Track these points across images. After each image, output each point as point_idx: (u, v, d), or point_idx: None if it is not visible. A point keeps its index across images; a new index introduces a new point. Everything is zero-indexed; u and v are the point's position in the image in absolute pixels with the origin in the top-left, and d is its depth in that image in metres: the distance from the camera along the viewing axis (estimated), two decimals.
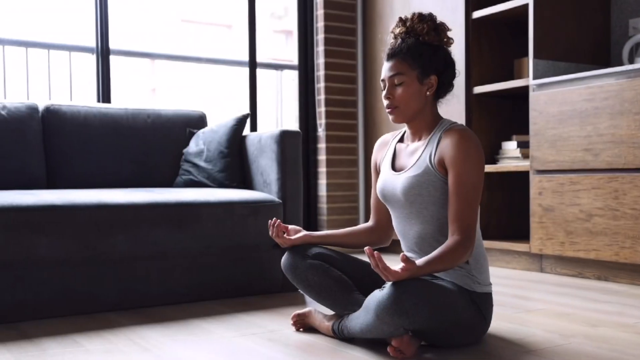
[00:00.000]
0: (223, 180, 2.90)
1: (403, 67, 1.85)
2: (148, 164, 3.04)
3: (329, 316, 1.99)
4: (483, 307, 1.85)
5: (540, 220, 3.17)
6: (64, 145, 2.89)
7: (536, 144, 3.20)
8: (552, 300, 2.54)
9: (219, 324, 2.16)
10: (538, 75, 3.24)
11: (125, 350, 1.85)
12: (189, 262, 2.52)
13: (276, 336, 1.99)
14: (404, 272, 1.65)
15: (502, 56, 3.66)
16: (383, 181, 1.96)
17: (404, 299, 1.63)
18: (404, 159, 1.94)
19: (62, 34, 3.51)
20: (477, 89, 3.53)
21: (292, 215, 2.74)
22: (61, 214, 2.25)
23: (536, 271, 3.29)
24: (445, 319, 1.72)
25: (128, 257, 2.38)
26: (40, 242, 2.21)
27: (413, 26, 1.87)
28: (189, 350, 1.84)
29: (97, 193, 2.45)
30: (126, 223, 2.36)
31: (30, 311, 2.22)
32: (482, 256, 1.90)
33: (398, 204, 1.91)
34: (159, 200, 2.46)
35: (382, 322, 1.68)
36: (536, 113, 3.20)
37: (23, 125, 2.81)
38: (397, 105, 1.87)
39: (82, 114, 2.96)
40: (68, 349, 1.86)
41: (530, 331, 2.02)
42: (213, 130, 3.02)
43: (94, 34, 3.45)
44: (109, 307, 2.37)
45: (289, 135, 2.76)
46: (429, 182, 1.83)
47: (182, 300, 2.51)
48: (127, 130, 3.03)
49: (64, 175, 2.86)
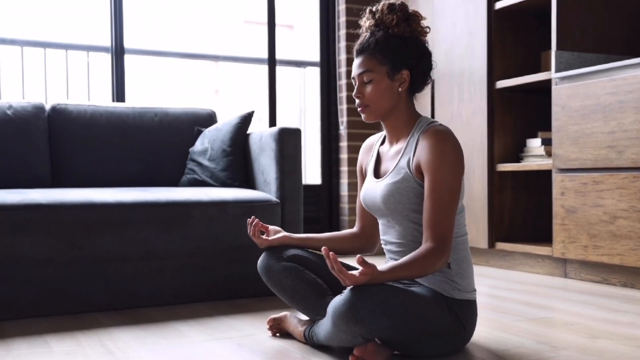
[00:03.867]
0: (225, 179, 2.84)
1: (371, 64, 1.74)
2: (154, 163, 3.01)
3: (303, 321, 1.90)
4: (462, 315, 1.72)
5: (563, 223, 2.98)
6: (70, 145, 2.89)
7: (558, 141, 3.00)
8: (563, 308, 2.36)
9: (198, 327, 2.10)
10: (562, 67, 3.04)
11: (88, 352, 1.81)
12: (180, 263, 2.47)
13: (248, 341, 1.91)
14: (362, 277, 1.54)
15: (528, 48, 3.47)
16: (365, 189, 1.87)
17: (359, 305, 1.53)
18: (386, 164, 1.83)
19: (80, 35, 3.55)
20: (499, 83, 3.35)
21: (291, 216, 2.66)
22: (45, 213, 2.24)
23: (560, 276, 3.09)
24: (411, 327, 1.60)
25: (116, 257, 2.35)
26: (24, 241, 2.21)
27: (382, 18, 1.76)
28: (152, 354, 1.79)
29: (87, 192, 2.43)
30: (114, 222, 2.33)
31: (14, 310, 2.22)
32: (465, 261, 1.77)
33: (379, 212, 1.81)
34: (148, 199, 2.42)
35: (338, 330, 1.58)
36: (558, 108, 3.01)
37: (29, 124, 2.83)
38: (367, 104, 1.77)
39: (88, 113, 2.96)
40: (34, 350, 1.84)
41: (520, 341, 1.87)
42: (217, 128, 2.97)
43: (109, 33, 3.46)
44: (97, 308, 2.34)
45: (287, 132, 2.68)
46: (409, 189, 1.72)
47: (173, 302, 2.46)
48: (134, 129, 3.01)
49: (69, 174, 2.87)
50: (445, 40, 3.61)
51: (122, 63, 3.48)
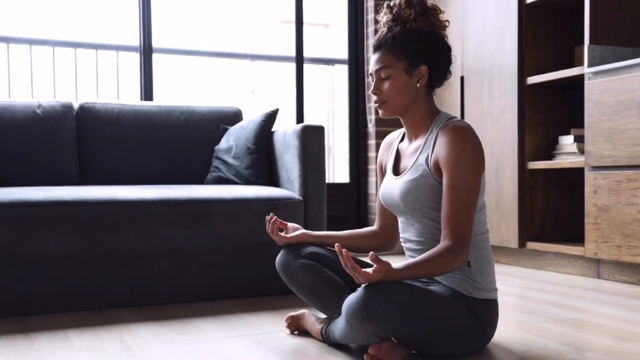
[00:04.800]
0: (249, 177, 2.83)
1: (389, 60, 1.71)
2: (180, 160, 3.02)
3: (321, 319, 1.88)
4: (482, 314, 1.67)
5: (595, 222, 2.89)
6: (97, 143, 2.92)
7: (591, 138, 2.92)
8: (592, 309, 2.29)
9: (217, 324, 2.09)
10: (595, 62, 2.95)
11: (107, 347, 1.82)
12: (202, 261, 2.47)
13: (265, 339, 1.90)
14: (376, 274, 1.51)
15: (561, 43, 3.38)
16: (384, 186, 1.84)
17: (372, 303, 1.49)
18: (405, 161, 1.80)
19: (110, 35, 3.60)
20: (530, 79, 3.27)
21: (314, 214, 2.63)
22: (69, 210, 2.26)
23: (593, 277, 3.00)
24: (427, 326, 1.56)
25: (138, 254, 2.36)
26: (49, 237, 2.23)
27: (400, 12, 1.72)
28: (169, 350, 1.79)
29: (111, 189, 2.45)
30: (136, 219, 2.34)
31: (38, 306, 2.25)
32: (486, 260, 1.73)
33: (398, 210, 1.78)
34: (170, 197, 2.42)
35: (352, 328, 1.55)
36: (591, 104, 2.92)
37: (58, 123, 2.86)
38: (385, 100, 1.74)
39: (115, 111, 2.99)
40: (55, 344, 1.85)
41: (544, 343, 1.81)
42: (242, 126, 2.97)
43: (137, 33, 3.49)
44: (119, 304, 2.36)
45: (311, 130, 2.66)
46: (427, 186, 1.68)
47: (194, 299, 2.46)
48: (160, 128, 3.03)
49: (97, 172, 2.90)
50: (475, 35, 3.55)
51: (150, 62, 3.51)
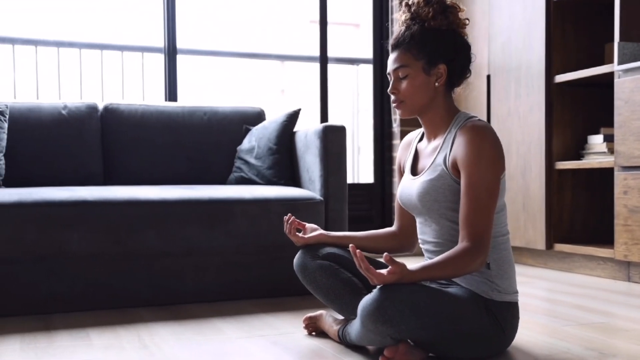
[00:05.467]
0: (271, 177, 2.83)
1: (406, 59, 1.69)
2: (203, 161, 3.03)
3: (338, 320, 1.86)
4: (501, 317, 1.64)
5: (625, 223, 2.82)
6: (121, 143, 2.95)
7: (621, 137, 2.84)
8: (620, 313, 2.23)
9: (236, 324, 2.09)
10: (625, 59, 2.88)
11: (125, 346, 1.82)
12: (223, 261, 2.47)
13: (283, 339, 1.89)
14: (390, 276, 1.49)
15: (590, 40, 3.30)
16: (401, 186, 1.81)
17: (386, 305, 1.47)
18: (423, 161, 1.78)
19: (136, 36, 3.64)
20: (558, 77, 3.21)
21: (335, 214, 2.62)
22: (92, 210, 2.28)
23: (623, 280, 2.93)
24: (443, 328, 1.53)
25: (159, 253, 2.37)
26: (72, 236, 2.25)
27: (418, 11, 1.70)
28: (185, 349, 1.79)
29: (132, 189, 2.46)
30: (157, 219, 2.36)
31: (61, 304, 2.27)
32: (506, 262, 1.69)
33: (416, 210, 1.75)
34: (191, 197, 2.43)
35: (367, 330, 1.54)
36: (621, 102, 2.85)
37: (82, 124, 2.90)
38: (402, 99, 1.71)
39: (139, 112, 3.01)
40: (75, 342, 1.87)
41: (567, 347, 1.77)
42: (264, 126, 2.97)
43: (162, 34, 3.51)
44: (140, 303, 2.37)
45: (332, 130, 2.64)
46: (445, 186, 1.66)
47: (215, 299, 2.46)
48: (183, 128, 3.04)
49: (121, 173, 2.92)
50: (502, 33, 3.49)
51: (175, 63, 3.53)
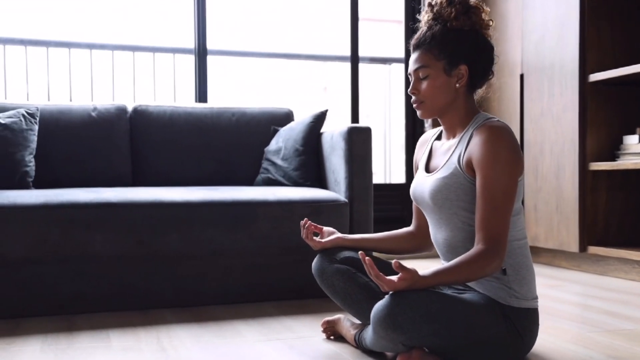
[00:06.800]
0: (297, 179, 2.82)
1: (427, 59, 1.66)
2: (231, 162, 3.05)
3: (356, 325, 1.85)
4: (519, 324, 1.60)
5: None
6: (150, 145, 2.98)
7: None
8: None
9: (256, 326, 2.09)
10: None
11: (143, 348, 1.84)
12: (246, 262, 2.47)
13: (300, 343, 1.88)
14: (401, 282, 1.47)
15: (627, 38, 3.20)
16: (414, 183, 1.79)
17: (397, 312, 1.45)
18: (437, 159, 1.75)
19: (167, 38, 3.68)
20: (592, 76, 3.12)
21: (359, 216, 2.60)
22: (116, 211, 2.31)
23: None
24: (457, 335, 1.50)
25: (182, 255, 2.39)
26: (96, 238, 2.29)
27: (440, 11, 1.67)
28: (202, 352, 1.80)
29: (157, 191, 2.49)
30: (180, 221, 2.37)
31: (85, 305, 2.30)
32: (524, 267, 1.65)
33: (428, 208, 1.73)
34: (214, 198, 2.44)
35: (379, 336, 1.52)
36: None
37: (112, 125, 2.94)
38: (422, 100, 1.69)
39: (167, 113, 3.04)
40: (95, 344, 1.90)
41: (589, 355, 1.71)
42: (291, 127, 2.96)
43: (192, 35, 3.54)
44: (163, 305, 2.39)
45: (357, 131, 2.62)
46: (458, 185, 1.63)
47: (238, 301, 2.47)
48: (211, 129, 3.06)
49: (149, 174, 2.96)
50: (535, 31, 3.41)
51: (205, 64, 3.55)
